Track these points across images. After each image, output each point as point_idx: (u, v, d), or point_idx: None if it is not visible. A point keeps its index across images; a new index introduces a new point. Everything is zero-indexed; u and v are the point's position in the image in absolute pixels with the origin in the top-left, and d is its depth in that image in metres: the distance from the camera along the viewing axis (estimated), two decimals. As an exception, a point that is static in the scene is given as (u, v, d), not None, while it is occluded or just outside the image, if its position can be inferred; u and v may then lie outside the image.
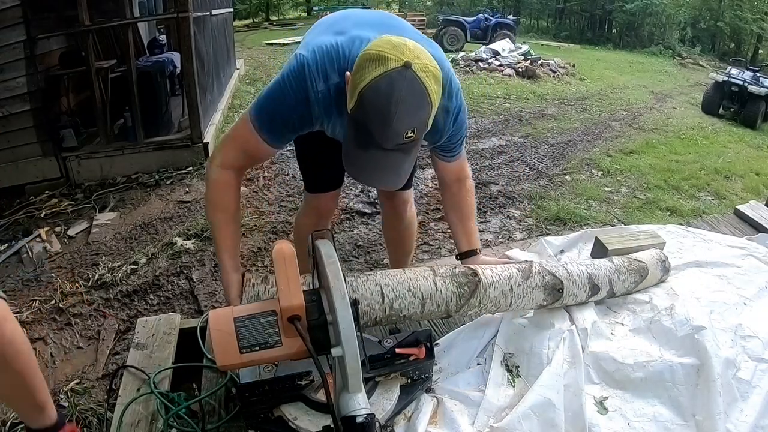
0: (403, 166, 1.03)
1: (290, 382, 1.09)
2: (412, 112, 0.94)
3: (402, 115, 0.93)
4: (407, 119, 0.93)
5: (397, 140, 0.95)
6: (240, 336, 0.95)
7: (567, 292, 1.32)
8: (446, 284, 1.19)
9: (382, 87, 0.92)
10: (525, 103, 7.28)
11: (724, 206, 3.83)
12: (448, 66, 1.20)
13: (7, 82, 3.37)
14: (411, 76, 0.92)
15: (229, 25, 6.65)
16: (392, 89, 0.91)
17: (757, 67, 8.47)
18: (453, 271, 1.23)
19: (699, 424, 1.10)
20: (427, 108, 0.96)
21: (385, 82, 0.92)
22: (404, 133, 0.94)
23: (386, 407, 1.12)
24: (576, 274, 1.34)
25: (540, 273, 1.30)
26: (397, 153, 0.98)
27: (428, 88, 0.94)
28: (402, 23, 1.30)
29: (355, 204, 3.42)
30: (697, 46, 19.37)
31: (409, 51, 0.95)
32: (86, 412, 1.74)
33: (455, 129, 1.27)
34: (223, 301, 2.45)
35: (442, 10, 21.46)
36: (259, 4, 23.13)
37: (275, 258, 0.94)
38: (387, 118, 0.92)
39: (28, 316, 2.28)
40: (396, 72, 0.92)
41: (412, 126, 0.95)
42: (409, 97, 0.92)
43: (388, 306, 1.13)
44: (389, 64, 0.92)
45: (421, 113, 0.95)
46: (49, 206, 3.41)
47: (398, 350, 1.13)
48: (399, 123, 0.93)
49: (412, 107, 0.93)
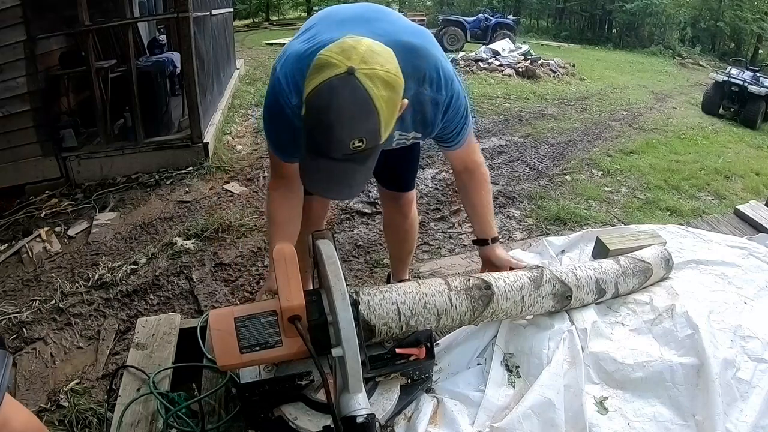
0: (355, 177, 0.97)
1: (290, 382, 1.09)
2: (355, 121, 0.88)
3: (343, 125, 0.88)
4: (349, 129, 0.88)
5: (343, 150, 0.90)
6: (240, 336, 0.94)
7: (575, 297, 1.34)
8: (461, 299, 1.20)
9: (323, 95, 0.88)
10: (525, 103, 7.28)
11: (724, 206, 3.83)
12: (436, 55, 1.14)
13: (7, 82, 3.37)
14: (354, 83, 0.87)
15: (229, 25, 6.65)
16: (331, 97, 0.87)
17: (757, 67, 8.48)
18: (467, 284, 1.23)
19: (699, 424, 1.10)
20: (372, 117, 0.89)
21: (326, 89, 0.88)
22: (349, 143, 0.89)
23: (386, 407, 1.12)
24: (584, 280, 1.36)
25: (550, 281, 1.30)
26: (347, 163, 0.93)
27: (373, 95, 0.88)
28: (385, 14, 1.23)
29: (355, 204, 3.42)
30: (697, 46, 19.38)
31: (357, 55, 0.89)
32: (86, 412, 1.74)
33: (449, 118, 1.21)
34: (224, 301, 2.46)
35: (442, 10, 21.46)
36: (259, 4, 23.12)
37: (276, 258, 0.94)
38: (327, 127, 0.89)
39: (28, 316, 2.28)
40: (337, 79, 0.87)
41: (358, 136, 0.89)
42: (349, 105, 0.87)
43: (405, 323, 1.14)
44: (332, 71, 0.88)
45: (365, 123, 0.89)
46: (49, 206, 3.41)
47: (398, 350, 1.13)
48: (341, 132, 0.88)
49: (354, 116, 0.88)
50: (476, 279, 1.25)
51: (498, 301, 1.23)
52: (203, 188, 3.71)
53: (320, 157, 0.93)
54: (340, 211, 3.37)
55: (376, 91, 0.88)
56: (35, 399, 1.86)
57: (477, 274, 1.33)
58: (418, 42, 1.11)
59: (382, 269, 2.63)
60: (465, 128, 1.29)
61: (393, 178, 1.74)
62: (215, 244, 2.90)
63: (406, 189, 1.75)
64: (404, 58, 1.04)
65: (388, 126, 0.94)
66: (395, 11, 1.29)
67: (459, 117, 1.24)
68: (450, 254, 2.82)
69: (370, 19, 1.17)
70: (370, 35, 1.05)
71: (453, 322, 1.20)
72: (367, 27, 1.10)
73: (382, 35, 1.08)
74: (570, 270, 1.36)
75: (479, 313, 1.22)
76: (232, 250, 2.84)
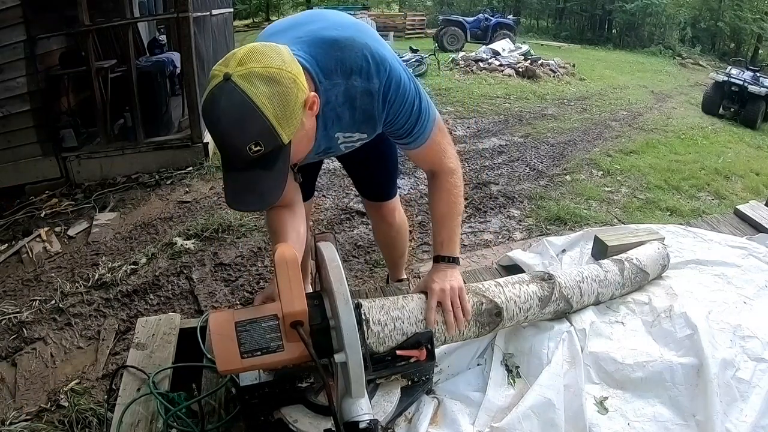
0: (264, 184, 0.92)
1: (291, 384, 1.08)
2: (240, 125, 0.85)
3: (230, 132, 0.86)
4: (237, 135, 0.86)
5: (244, 158, 0.87)
6: (241, 340, 0.93)
7: (574, 310, 1.36)
8: (470, 326, 1.22)
9: (206, 108, 0.87)
10: (525, 103, 7.28)
11: (724, 206, 3.83)
12: (365, 43, 1.05)
13: (7, 82, 3.38)
14: (230, 87, 0.85)
15: (229, 25, 6.64)
16: (213, 108, 0.86)
17: (757, 67, 8.48)
18: (479, 309, 1.22)
19: (699, 424, 1.10)
20: (256, 117, 0.85)
21: (209, 102, 0.87)
22: (246, 149, 0.86)
23: (387, 409, 1.11)
24: (587, 295, 1.37)
25: (556, 300, 1.31)
26: (253, 171, 0.90)
27: (251, 95, 0.85)
28: (321, 16, 1.17)
29: (355, 204, 3.42)
30: (697, 46, 19.39)
31: (234, 60, 0.87)
32: (86, 412, 1.75)
33: (393, 110, 1.10)
34: (224, 301, 2.46)
35: (442, 10, 21.48)
36: (259, 4, 23.14)
37: (277, 262, 0.92)
38: (219, 138, 0.87)
39: (28, 316, 2.28)
40: (217, 88, 0.86)
41: (251, 140, 0.86)
42: (230, 111, 0.85)
43: None
44: (213, 82, 0.87)
45: (252, 124, 0.86)
46: (49, 206, 3.41)
47: (399, 352, 1.12)
48: (231, 140, 0.86)
49: (237, 121, 0.85)
50: (489, 302, 1.23)
51: (504, 324, 1.25)
52: (203, 188, 3.72)
53: (229, 171, 0.92)
54: (340, 211, 3.37)
55: (254, 89, 0.85)
56: (35, 399, 1.86)
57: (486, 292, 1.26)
58: (342, 34, 1.05)
59: (382, 269, 2.63)
60: (421, 123, 1.16)
61: (371, 188, 1.74)
62: (215, 244, 2.90)
63: (387, 198, 1.74)
64: (326, 54, 1.01)
65: (287, 122, 0.89)
66: (341, 13, 1.22)
67: (407, 108, 1.12)
68: (450, 254, 2.81)
69: (300, 24, 1.13)
70: (290, 39, 1.03)
71: (455, 340, 1.24)
72: (293, 32, 1.07)
73: (303, 36, 1.05)
74: (576, 284, 1.36)
75: (483, 335, 1.26)
76: (232, 250, 2.84)
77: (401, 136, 1.19)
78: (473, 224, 3.28)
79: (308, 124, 0.97)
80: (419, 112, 1.15)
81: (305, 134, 0.98)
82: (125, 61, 3.98)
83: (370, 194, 1.76)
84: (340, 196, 3.63)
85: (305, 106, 0.92)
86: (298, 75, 0.91)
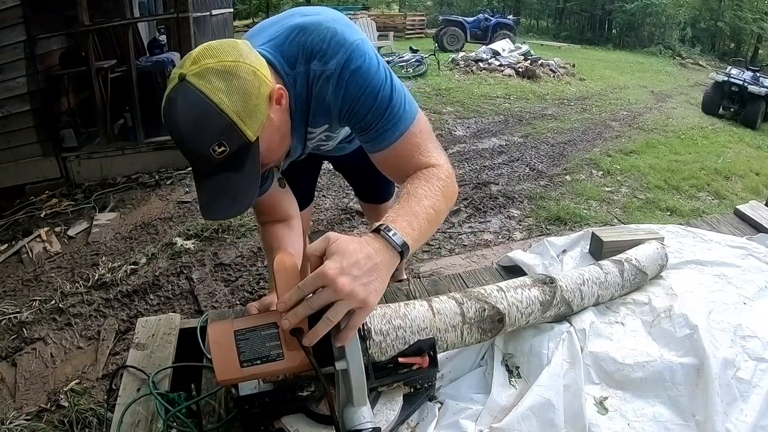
0: (235, 188, 0.86)
1: (291, 393, 1.08)
2: (199, 126, 0.81)
3: (191, 135, 0.82)
4: (198, 136, 0.81)
5: (209, 161, 0.83)
6: (240, 349, 0.92)
7: (574, 312, 1.36)
8: (472, 332, 1.20)
9: (165, 113, 0.84)
10: (525, 103, 7.28)
11: (724, 206, 3.83)
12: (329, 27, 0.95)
13: (7, 82, 3.38)
14: (185, 88, 0.81)
15: (229, 25, 6.64)
16: (171, 112, 0.83)
17: (757, 67, 8.47)
18: (482, 315, 1.22)
19: (699, 424, 1.10)
20: (215, 115, 0.80)
21: (166, 106, 0.84)
22: (208, 150, 0.81)
23: (389, 418, 1.10)
24: (587, 298, 1.37)
25: (558, 305, 1.31)
26: (222, 174, 0.85)
27: (206, 92, 0.80)
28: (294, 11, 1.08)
29: (355, 204, 3.42)
30: (697, 46, 19.38)
31: (189, 59, 0.84)
32: (86, 413, 1.75)
33: (352, 95, 0.95)
34: (224, 301, 2.46)
35: (442, 10, 21.47)
36: (259, 4, 23.12)
37: (276, 269, 0.91)
38: (181, 143, 0.83)
39: (28, 316, 2.28)
40: (173, 91, 0.82)
41: (214, 140, 0.81)
42: (187, 112, 0.81)
43: None
44: (170, 85, 0.84)
45: (212, 124, 0.81)
46: (49, 206, 3.41)
47: (401, 360, 1.11)
48: (193, 143, 0.82)
49: (196, 121, 0.81)
50: (491, 309, 1.23)
51: (505, 329, 1.25)
52: (203, 188, 3.71)
53: (200, 180, 0.88)
54: (339, 211, 3.37)
55: (209, 86, 0.81)
56: (35, 399, 1.86)
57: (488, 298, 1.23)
58: (307, 20, 0.98)
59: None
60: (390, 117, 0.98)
61: (366, 189, 1.73)
62: (215, 244, 2.90)
63: (383, 199, 1.72)
64: (291, 42, 0.96)
65: (251, 118, 0.83)
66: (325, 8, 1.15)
67: (369, 96, 0.96)
68: (450, 254, 2.82)
69: (278, 20, 1.07)
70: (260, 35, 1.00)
71: (455, 347, 1.23)
72: (268, 30, 1.03)
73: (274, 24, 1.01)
74: (577, 286, 1.36)
75: (485, 340, 1.25)
76: (232, 250, 2.84)
77: (365, 130, 1.01)
78: (473, 224, 3.29)
79: (277, 119, 0.89)
80: (388, 103, 0.97)
81: (276, 130, 0.90)
82: (125, 61, 3.98)
83: (367, 196, 1.76)
84: (340, 196, 3.63)
85: (270, 100, 0.86)
86: (259, 67, 0.86)
